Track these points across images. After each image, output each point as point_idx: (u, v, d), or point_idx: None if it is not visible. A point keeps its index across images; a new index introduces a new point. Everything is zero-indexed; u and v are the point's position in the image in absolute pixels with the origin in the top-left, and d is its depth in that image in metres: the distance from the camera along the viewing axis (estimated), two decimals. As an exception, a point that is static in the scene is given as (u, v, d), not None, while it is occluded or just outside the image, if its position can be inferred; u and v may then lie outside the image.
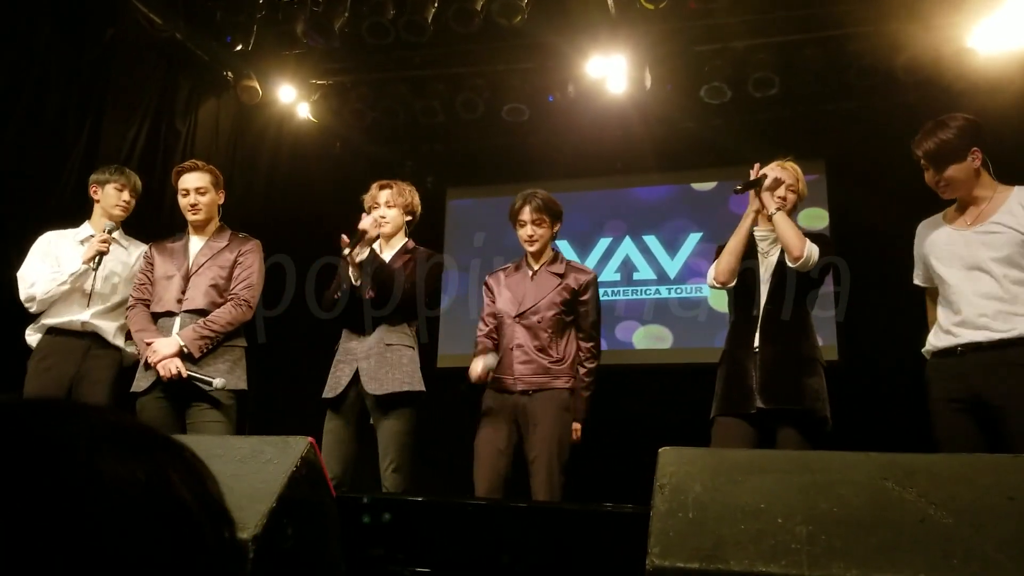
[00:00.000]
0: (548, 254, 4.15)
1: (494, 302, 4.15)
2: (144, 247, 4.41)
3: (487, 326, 4.16)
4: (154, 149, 6.19)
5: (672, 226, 7.41)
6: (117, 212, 4.36)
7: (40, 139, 5.20)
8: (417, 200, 4.20)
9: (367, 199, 4.13)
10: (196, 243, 4.14)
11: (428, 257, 4.08)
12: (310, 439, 1.93)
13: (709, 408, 3.67)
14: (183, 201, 4.12)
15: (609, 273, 7.45)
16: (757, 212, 3.65)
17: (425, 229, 7.21)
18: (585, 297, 4.07)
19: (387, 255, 4.02)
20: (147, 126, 6.15)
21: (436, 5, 5.97)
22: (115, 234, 4.32)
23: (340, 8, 6.13)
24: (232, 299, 3.98)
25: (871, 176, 6.39)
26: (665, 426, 3.68)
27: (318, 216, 6.55)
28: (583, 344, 4.06)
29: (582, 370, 4.02)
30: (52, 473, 0.58)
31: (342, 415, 3.86)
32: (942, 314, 3.33)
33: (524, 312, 4.02)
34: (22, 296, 4.18)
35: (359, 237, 3.85)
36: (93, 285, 4.15)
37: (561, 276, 4.07)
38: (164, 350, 3.80)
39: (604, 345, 7.17)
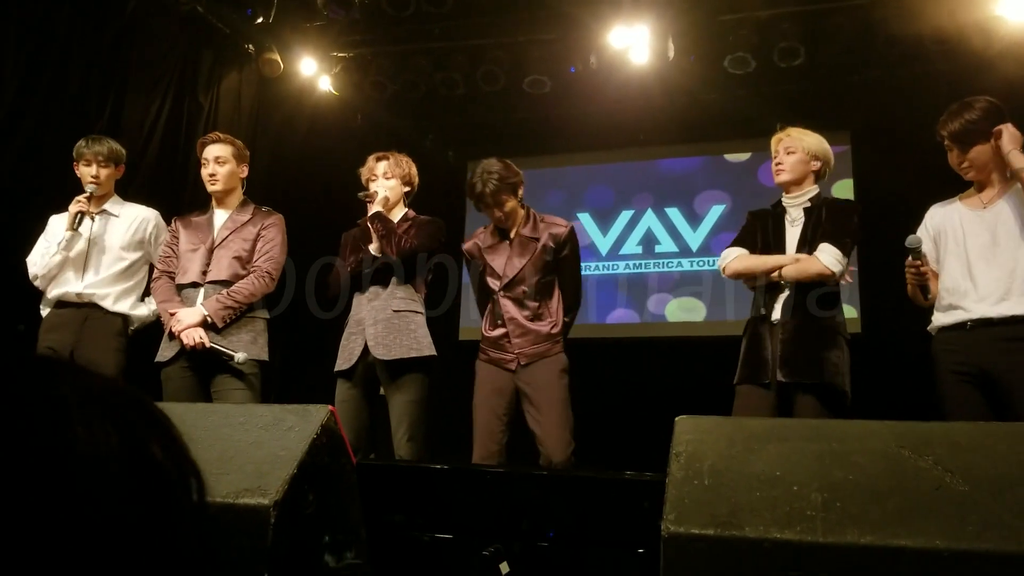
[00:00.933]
0: (520, 215, 4.04)
1: (482, 272, 4.06)
2: (147, 211, 4.44)
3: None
4: (177, 123, 6.22)
5: (699, 198, 7.37)
6: (90, 188, 4.28)
7: (63, 115, 5.23)
8: (415, 171, 4.18)
9: (363, 172, 4.13)
10: (220, 216, 4.16)
11: (429, 220, 4.07)
12: (331, 407, 1.95)
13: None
14: (203, 172, 4.16)
15: (631, 246, 7.44)
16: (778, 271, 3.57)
17: (446, 202, 7.25)
18: (565, 252, 3.98)
19: None
20: (169, 100, 6.18)
21: (457, -24, 5.95)
22: (108, 204, 4.34)
23: (360, -21, 6.12)
24: (255, 271, 4.02)
25: (898, 146, 6.31)
26: (697, 397, 3.64)
27: (340, 187, 6.57)
28: (564, 299, 4.00)
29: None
30: (25, 437, 0.58)
31: (354, 385, 3.88)
32: (951, 293, 3.33)
33: (508, 284, 3.94)
34: (30, 277, 4.26)
35: (373, 196, 4.00)
36: (88, 255, 4.20)
37: (537, 239, 3.97)
38: (187, 319, 3.85)
39: (636, 318, 7.26)
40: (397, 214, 4.08)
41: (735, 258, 3.68)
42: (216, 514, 1.76)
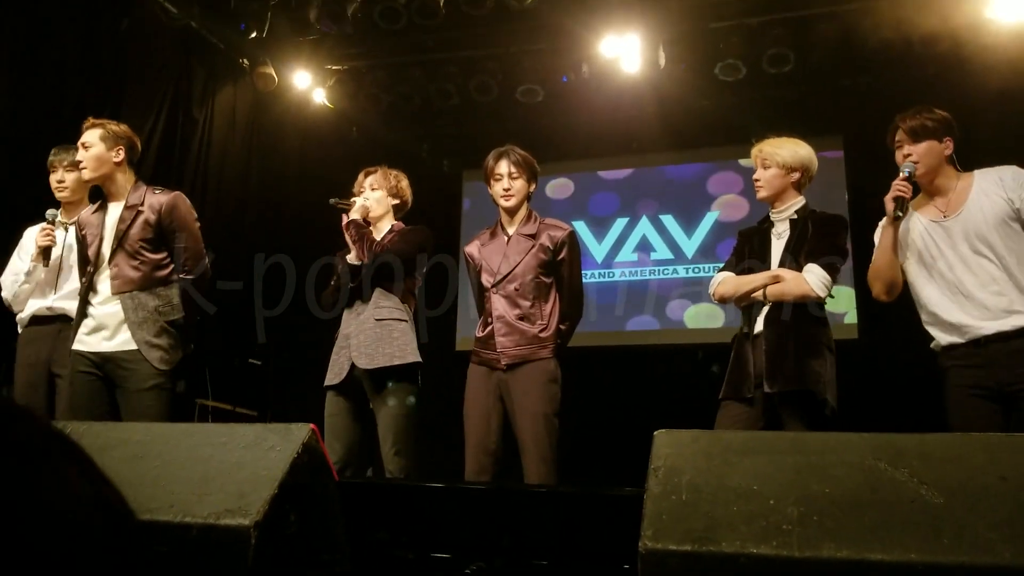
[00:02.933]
0: (523, 213, 3.91)
1: (479, 273, 3.94)
2: None
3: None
4: (171, 138, 6.25)
5: (700, 204, 7.39)
6: (59, 195, 4.19)
7: (58, 132, 5.23)
8: (404, 185, 4.10)
9: (355, 187, 4.10)
10: (113, 212, 3.88)
11: (412, 228, 4.00)
12: (311, 425, 1.95)
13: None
14: None
15: (627, 253, 7.46)
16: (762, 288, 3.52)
17: (443, 212, 7.27)
18: (562, 255, 3.83)
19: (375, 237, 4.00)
20: (164, 115, 6.22)
21: (448, -12, 5.99)
22: (82, 212, 4.11)
23: (353, -7, 6.16)
24: (180, 279, 3.83)
25: (891, 151, 6.31)
26: (709, 406, 3.62)
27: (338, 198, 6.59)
28: (561, 305, 3.85)
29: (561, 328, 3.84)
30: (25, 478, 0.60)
31: (343, 398, 3.81)
32: (944, 309, 3.24)
33: (500, 281, 3.81)
34: (2, 299, 4.19)
35: (349, 205, 3.95)
36: (59, 268, 4.06)
37: (534, 236, 3.83)
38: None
39: (655, 324, 7.25)
40: (384, 227, 4.05)
41: (720, 283, 3.66)
42: (198, 535, 1.77)
